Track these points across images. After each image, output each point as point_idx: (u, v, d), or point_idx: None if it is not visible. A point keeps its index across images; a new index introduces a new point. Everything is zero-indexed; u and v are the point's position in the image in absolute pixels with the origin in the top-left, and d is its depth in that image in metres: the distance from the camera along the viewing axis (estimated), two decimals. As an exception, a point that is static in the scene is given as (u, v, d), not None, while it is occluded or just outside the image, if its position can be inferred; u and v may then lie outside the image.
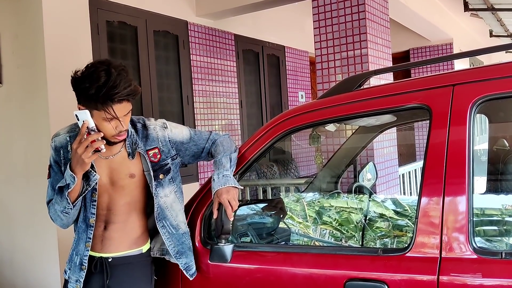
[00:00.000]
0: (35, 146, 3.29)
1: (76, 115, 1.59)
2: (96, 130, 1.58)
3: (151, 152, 1.78)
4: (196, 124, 4.75)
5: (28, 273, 3.42)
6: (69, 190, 1.63)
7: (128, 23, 4.05)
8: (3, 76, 3.47)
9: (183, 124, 4.54)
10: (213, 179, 1.78)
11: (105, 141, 1.61)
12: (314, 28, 3.98)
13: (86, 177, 1.68)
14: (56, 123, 3.16)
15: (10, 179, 3.50)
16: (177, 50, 4.60)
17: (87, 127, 1.56)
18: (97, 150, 1.58)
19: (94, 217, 1.75)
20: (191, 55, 4.72)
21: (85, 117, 1.56)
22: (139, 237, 1.83)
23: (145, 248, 1.84)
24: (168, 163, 1.82)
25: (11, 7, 3.38)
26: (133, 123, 1.80)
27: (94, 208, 1.75)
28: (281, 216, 2.36)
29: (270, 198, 4.29)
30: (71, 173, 1.60)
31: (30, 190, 3.34)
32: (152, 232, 1.90)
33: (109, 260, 1.78)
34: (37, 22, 3.20)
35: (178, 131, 1.87)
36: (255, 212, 2.31)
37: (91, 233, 1.76)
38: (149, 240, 1.88)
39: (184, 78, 4.65)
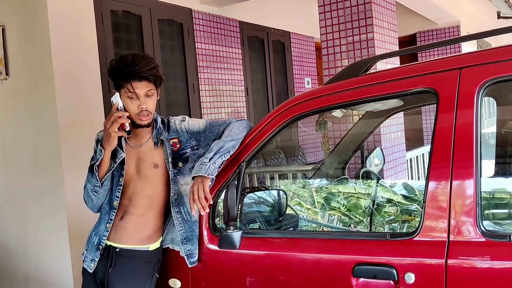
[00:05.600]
0: (43, 137, 3.31)
1: (111, 101, 1.83)
2: (123, 110, 1.81)
3: (171, 141, 1.92)
4: (202, 113, 4.75)
5: (41, 264, 3.47)
6: (97, 163, 1.82)
7: (132, 12, 4.04)
8: (10, 68, 3.48)
9: (189, 113, 4.58)
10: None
11: (129, 121, 1.81)
12: (319, 13, 3.94)
13: (114, 156, 1.86)
14: (63, 114, 3.18)
15: (20, 171, 3.53)
16: (182, 39, 4.59)
17: (117, 108, 1.80)
18: (124, 130, 1.80)
19: (118, 200, 1.89)
20: (196, 43, 4.70)
21: (116, 99, 1.82)
22: (150, 235, 1.89)
23: (152, 246, 1.89)
24: (187, 152, 1.92)
25: (15, -1, 3.39)
26: (161, 120, 1.98)
27: (119, 192, 1.88)
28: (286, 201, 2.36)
29: (278, 185, 4.30)
30: (100, 147, 1.81)
31: (40, 181, 3.37)
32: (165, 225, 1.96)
33: (117, 250, 1.87)
34: (42, 14, 3.20)
35: (195, 122, 2.00)
36: (262, 199, 2.32)
37: (113, 215, 1.88)
38: (159, 240, 1.92)
39: (189, 67, 4.64)
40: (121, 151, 1.87)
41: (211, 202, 1.76)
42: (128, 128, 1.81)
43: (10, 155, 3.59)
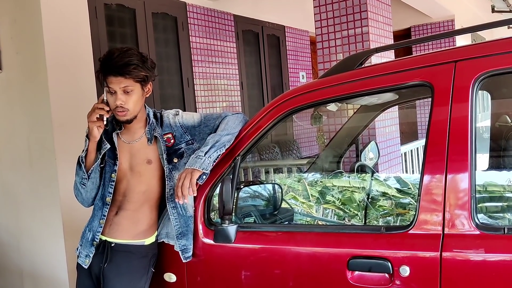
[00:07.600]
0: (37, 131, 3.29)
1: None
2: (106, 102, 1.81)
3: (165, 137, 1.90)
4: (197, 107, 4.73)
5: (35, 258, 3.46)
6: (83, 155, 1.84)
7: (126, 5, 4.01)
8: (3, 62, 3.45)
9: (184, 107, 4.56)
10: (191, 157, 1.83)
11: (108, 114, 1.79)
12: (314, 7, 3.93)
13: (100, 147, 1.87)
14: (56, 107, 3.16)
15: (14, 164, 3.51)
16: (176, 32, 4.56)
17: (102, 100, 1.82)
18: (103, 122, 1.79)
19: (110, 196, 1.87)
20: (190, 37, 4.68)
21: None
22: (146, 230, 1.89)
23: (148, 241, 1.89)
24: (182, 148, 1.90)
25: (8, -9, 3.35)
26: (154, 114, 1.95)
27: (112, 188, 1.87)
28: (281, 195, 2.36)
29: (273, 179, 4.30)
30: (86, 138, 1.84)
31: (34, 174, 3.36)
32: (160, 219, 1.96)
33: (112, 245, 1.86)
34: (35, 6, 3.17)
35: (189, 116, 1.97)
36: (257, 193, 2.32)
37: (106, 211, 1.87)
38: (154, 234, 1.92)
39: (184, 61, 4.62)
40: (106, 143, 1.85)
41: (195, 194, 1.77)
42: (105, 120, 1.80)
43: (4, 148, 3.57)
